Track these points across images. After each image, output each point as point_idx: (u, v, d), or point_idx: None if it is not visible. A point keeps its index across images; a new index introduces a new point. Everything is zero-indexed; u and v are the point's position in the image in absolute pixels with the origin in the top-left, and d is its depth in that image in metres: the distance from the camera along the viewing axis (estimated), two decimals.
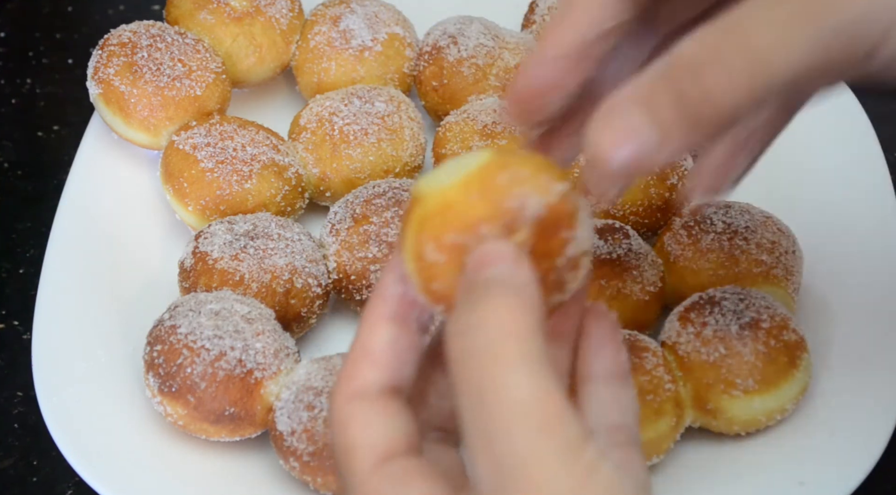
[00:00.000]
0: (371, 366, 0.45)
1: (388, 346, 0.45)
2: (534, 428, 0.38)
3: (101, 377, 0.67)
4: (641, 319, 0.68)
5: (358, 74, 0.79)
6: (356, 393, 0.44)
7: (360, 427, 0.44)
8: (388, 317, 0.45)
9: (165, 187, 0.73)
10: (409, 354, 0.45)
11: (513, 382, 0.39)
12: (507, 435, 0.38)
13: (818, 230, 0.73)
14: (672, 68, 0.42)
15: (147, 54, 0.75)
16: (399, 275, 0.45)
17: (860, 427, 0.63)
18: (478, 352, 0.40)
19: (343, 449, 0.44)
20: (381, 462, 0.43)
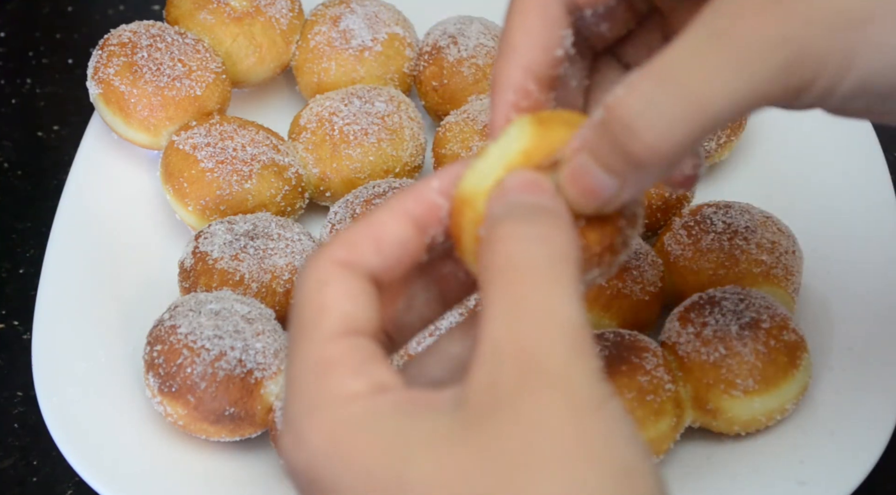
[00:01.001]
0: (375, 248, 0.43)
1: (399, 241, 0.44)
2: (573, 343, 0.39)
3: (101, 377, 0.67)
4: (641, 319, 0.68)
5: (358, 74, 0.79)
6: (347, 263, 0.43)
7: (340, 293, 0.42)
8: (413, 216, 0.44)
9: (165, 187, 0.73)
10: (408, 260, 0.44)
11: (563, 300, 0.39)
12: (545, 342, 0.38)
13: (818, 230, 0.73)
14: (610, 123, 0.43)
15: (147, 54, 0.75)
16: (443, 188, 0.44)
17: (860, 427, 0.63)
18: (533, 263, 0.40)
19: (312, 305, 0.42)
20: (350, 332, 0.42)
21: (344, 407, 0.40)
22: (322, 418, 0.40)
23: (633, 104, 0.42)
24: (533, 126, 0.45)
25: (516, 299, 0.40)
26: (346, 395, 0.40)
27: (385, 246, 0.44)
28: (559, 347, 0.38)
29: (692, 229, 0.69)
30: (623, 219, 0.45)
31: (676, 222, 0.71)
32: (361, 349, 0.41)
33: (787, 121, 0.58)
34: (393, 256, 0.44)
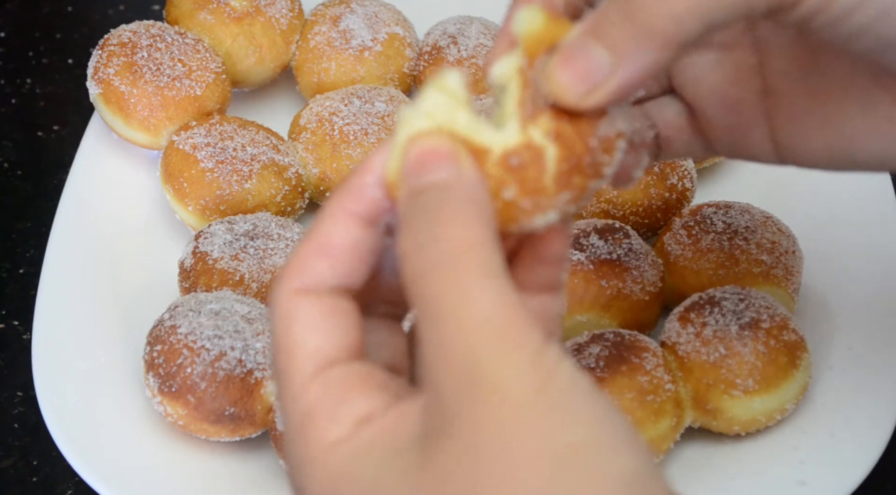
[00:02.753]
0: (328, 262, 0.42)
1: (350, 246, 0.43)
2: (495, 338, 0.38)
3: (101, 377, 0.67)
4: (641, 319, 0.68)
5: (358, 74, 0.79)
6: (305, 289, 0.42)
7: (304, 328, 0.42)
8: (357, 214, 0.43)
9: (165, 187, 0.73)
10: (369, 257, 0.43)
11: (472, 296, 0.38)
12: (468, 348, 0.38)
13: (818, 230, 0.73)
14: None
15: (147, 54, 0.75)
16: (379, 178, 0.43)
17: (860, 427, 0.63)
18: (434, 269, 0.39)
19: (283, 349, 0.42)
20: (322, 369, 0.41)
21: (330, 455, 0.40)
22: (314, 471, 0.40)
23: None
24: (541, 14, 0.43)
25: (431, 311, 0.39)
26: (329, 444, 0.40)
27: (337, 256, 0.43)
28: (481, 348, 0.38)
29: (692, 229, 0.69)
30: (595, 137, 0.44)
31: (676, 222, 0.71)
32: (336, 385, 0.41)
33: None
34: (349, 262, 0.43)
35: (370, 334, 0.45)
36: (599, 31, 0.43)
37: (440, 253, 0.39)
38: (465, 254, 0.39)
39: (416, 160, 0.41)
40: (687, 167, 0.73)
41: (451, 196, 0.40)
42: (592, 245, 0.68)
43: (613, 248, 0.68)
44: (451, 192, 0.40)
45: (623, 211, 0.72)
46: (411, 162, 0.41)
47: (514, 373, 0.38)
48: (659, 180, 0.72)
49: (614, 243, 0.68)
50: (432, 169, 0.41)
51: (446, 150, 0.41)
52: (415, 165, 0.41)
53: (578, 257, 0.67)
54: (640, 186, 0.72)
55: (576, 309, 0.67)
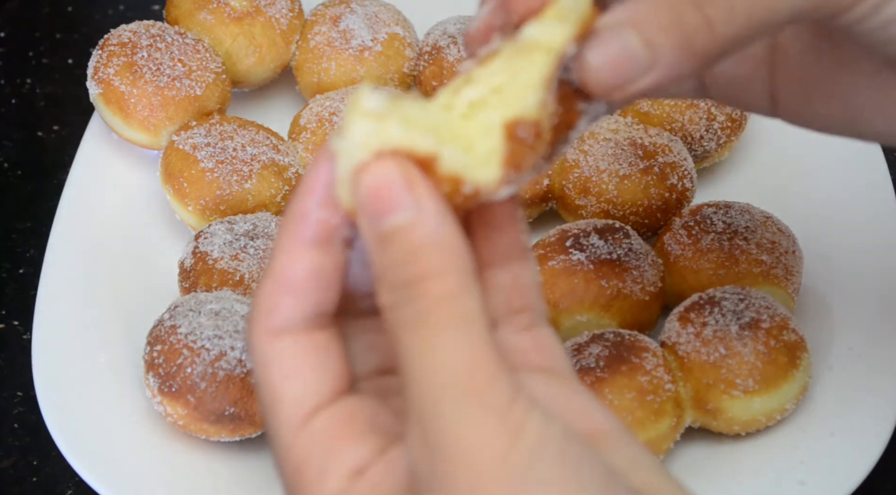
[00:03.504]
0: (293, 299, 0.41)
1: (310, 275, 0.41)
2: (459, 395, 0.38)
3: (101, 377, 0.67)
4: (641, 319, 0.68)
5: (358, 74, 0.79)
6: (276, 329, 0.41)
7: (282, 376, 0.41)
8: (310, 240, 0.41)
9: (165, 187, 0.73)
10: (334, 277, 0.42)
11: (441, 355, 0.38)
12: (433, 406, 0.38)
13: (818, 230, 0.73)
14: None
15: (147, 54, 0.75)
16: (321, 198, 0.41)
17: (860, 427, 0.63)
18: (406, 326, 0.39)
19: (266, 399, 0.41)
20: (307, 418, 0.41)
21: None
22: None
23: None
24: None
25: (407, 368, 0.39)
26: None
27: (301, 289, 0.41)
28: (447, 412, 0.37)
29: (692, 229, 0.69)
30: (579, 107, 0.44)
31: (676, 222, 0.71)
32: (323, 436, 0.41)
33: None
34: (315, 292, 0.42)
35: (354, 340, 0.44)
36: (645, 29, 0.42)
37: (414, 310, 0.39)
38: (436, 308, 0.38)
39: (370, 199, 0.40)
40: (687, 167, 0.73)
41: (418, 244, 0.39)
42: (592, 245, 0.68)
43: (613, 248, 0.68)
44: (417, 238, 0.39)
45: (623, 211, 0.72)
46: (366, 201, 0.40)
47: (480, 437, 0.37)
48: (659, 180, 0.72)
49: (614, 243, 0.68)
50: (390, 209, 0.39)
51: (397, 183, 0.39)
52: (371, 205, 0.40)
53: (578, 257, 0.67)
54: (641, 186, 0.72)
55: (576, 309, 0.67)
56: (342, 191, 0.41)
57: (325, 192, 0.41)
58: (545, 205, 0.75)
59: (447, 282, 0.39)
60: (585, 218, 0.72)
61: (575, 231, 0.69)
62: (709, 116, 0.75)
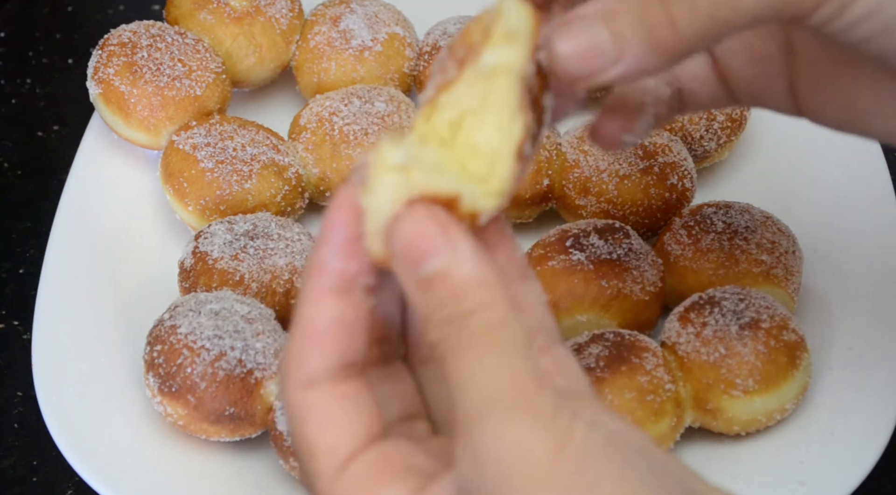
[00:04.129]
0: (320, 349, 0.43)
1: (333, 324, 0.43)
2: (506, 407, 0.39)
3: (101, 377, 0.67)
4: (641, 319, 0.68)
5: (358, 74, 0.79)
6: (307, 382, 0.43)
7: (317, 427, 0.42)
8: (331, 290, 0.43)
9: (165, 187, 0.73)
10: (358, 325, 0.43)
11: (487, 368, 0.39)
12: (482, 419, 0.39)
13: (818, 230, 0.73)
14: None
15: (147, 54, 0.75)
16: (338, 248, 0.43)
17: (860, 427, 0.63)
18: (455, 353, 0.40)
19: (303, 450, 0.43)
20: (343, 466, 0.42)
21: None
22: None
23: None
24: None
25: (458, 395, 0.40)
26: None
27: (324, 339, 0.43)
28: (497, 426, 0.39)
29: (692, 229, 0.69)
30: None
31: (676, 222, 0.71)
32: (361, 482, 0.42)
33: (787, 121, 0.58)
34: (341, 341, 0.43)
35: (377, 388, 0.45)
36: (614, 23, 0.44)
37: (463, 338, 0.40)
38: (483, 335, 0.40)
39: (407, 249, 0.41)
40: (687, 167, 0.73)
41: (461, 284, 0.41)
42: (592, 245, 0.68)
43: (613, 248, 0.68)
44: (458, 278, 0.41)
45: (623, 211, 0.72)
46: (403, 251, 0.41)
47: (529, 444, 0.38)
48: (659, 180, 0.72)
49: (614, 243, 0.68)
50: (428, 256, 0.41)
51: (432, 229, 0.41)
52: (408, 255, 0.41)
53: (578, 257, 0.67)
54: (640, 186, 0.72)
55: (576, 309, 0.67)
56: (372, 244, 0.43)
57: (342, 242, 0.43)
58: (545, 205, 0.75)
59: (492, 314, 0.40)
60: (585, 218, 0.72)
61: (575, 231, 0.69)
62: (709, 116, 0.75)
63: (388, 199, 0.42)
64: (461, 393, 0.40)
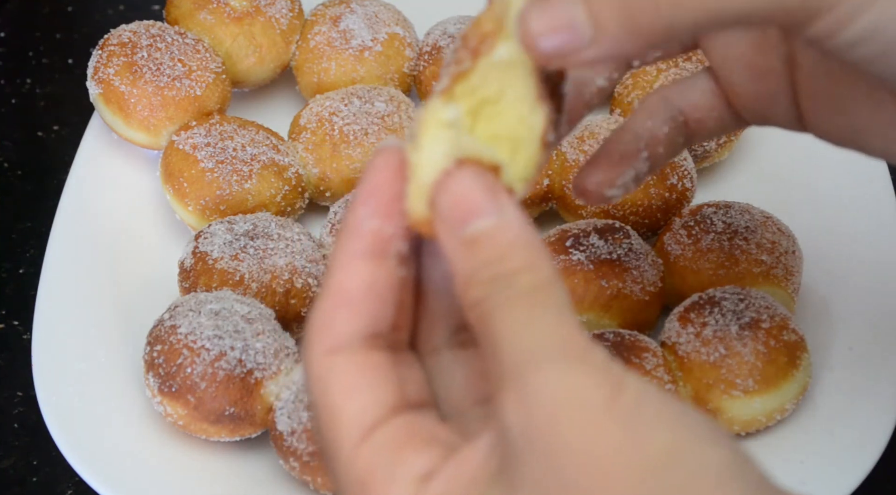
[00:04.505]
0: (350, 313, 0.42)
1: (367, 289, 0.42)
2: (559, 355, 0.38)
3: (101, 377, 0.67)
4: (641, 319, 0.68)
5: (358, 74, 0.79)
6: (334, 347, 0.42)
7: (342, 392, 0.41)
8: (364, 253, 0.42)
9: (165, 187, 0.73)
10: (390, 294, 0.42)
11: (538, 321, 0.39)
12: (534, 366, 0.38)
13: (818, 230, 0.73)
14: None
15: (147, 54, 0.75)
16: (374, 208, 0.42)
17: (860, 427, 0.63)
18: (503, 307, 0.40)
19: (326, 415, 0.42)
20: (369, 433, 0.41)
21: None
22: None
23: None
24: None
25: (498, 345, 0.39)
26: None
27: (356, 303, 0.42)
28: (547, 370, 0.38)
29: (692, 229, 0.69)
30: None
31: (676, 222, 0.71)
32: (386, 447, 0.41)
33: None
34: (371, 307, 0.42)
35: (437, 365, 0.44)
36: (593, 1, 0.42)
37: (511, 294, 0.40)
38: (532, 293, 0.40)
39: (454, 207, 0.41)
40: (687, 167, 0.73)
41: (507, 245, 0.40)
42: (592, 245, 0.68)
43: (613, 248, 0.68)
44: (505, 239, 0.40)
45: (623, 211, 0.72)
46: (449, 209, 0.41)
47: (584, 387, 0.38)
48: (659, 180, 0.72)
49: (614, 243, 0.68)
50: (475, 215, 0.41)
51: (481, 190, 0.41)
52: (455, 213, 0.41)
53: (578, 257, 0.67)
54: (641, 186, 0.72)
55: (576, 309, 0.67)
56: (415, 204, 0.42)
57: (378, 202, 0.42)
58: (545, 205, 0.75)
59: (539, 275, 0.40)
60: (585, 218, 0.72)
61: (575, 231, 0.69)
62: None
63: (440, 155, 0.41)
64: (509, 346, 0.39)
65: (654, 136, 0.56)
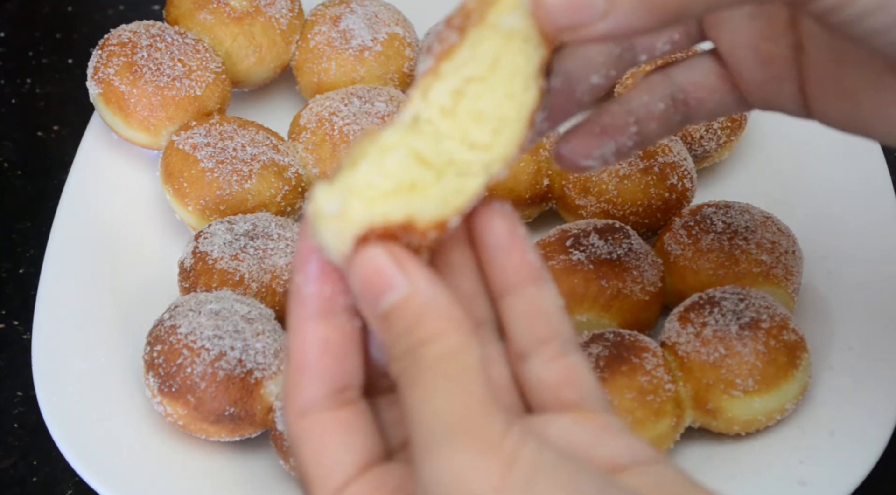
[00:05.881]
0: (311, 377, 0.43)
1: (321, 350, 0.43)
2: (452, 434, 0.39)
3: (101, 377, 0.67)
4: (641, 319, 0.68)
5: (358, 74, 0.79)
6: (303, 410, 0.43)
7: (312, 454, 0.43)
8: (312, 316, 0.43)
9: (165, 187, 0.73)
10: (346, 348, 0.44)
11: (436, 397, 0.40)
12: (428, 448, 0.39)
13: (818, 230, 0.73)
14: None
15: (147, 54, 0.75)
16: (310, 274, 0.43)
17: (860, 427, 0.63)
18: (410, 380, 0.41)
19: (302, 477, 0.44)
20: (337, 492, 0.42)
21: None
22: None
23: None
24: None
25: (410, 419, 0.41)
26: None
27: (313, 367, 0.43)
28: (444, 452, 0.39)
29: (692, 229, 0.69)
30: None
31: (676, 222, 0.71)
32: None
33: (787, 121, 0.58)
34: (329, 367, 0.43)
35: (384, 414, 0.45)
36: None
37: (416, 369, 0.41)
38: (434, 365, 0.40)
39: (364, 287, 0.42)
40: (687, 167, 0.73)
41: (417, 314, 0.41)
42: (592, 245, 0.68)
43: (613, 248, 0.68)
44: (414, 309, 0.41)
45: (623, 211, 0.72)
46: (361, 289, 0.42)
47: (474, 469, 0.38)
48: (659, 180, 0.72)
49: (614, 243, 0.68)
50: (384, 291, 0.42)
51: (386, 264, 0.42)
52: (366, 292, 0.42)
53: (578, 257, 0.67)
54: (640, 186, 0.72)
55: (576, 309, 0.67)
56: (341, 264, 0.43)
57: (313, 268, 0.43)
58: (545, 205, 0.75)
59: (446, 343, 0.41)
60: (585, 218, 0.72)
61: (575, 231, 0.69)
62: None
63: (335, 244, 0.42)
64: (413, 425, 0.40)
65: (649, 112, 0.55)
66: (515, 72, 0.43)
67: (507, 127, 0.43)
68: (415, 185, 0.42)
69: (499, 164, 0.44)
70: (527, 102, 0.44)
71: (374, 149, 0.42)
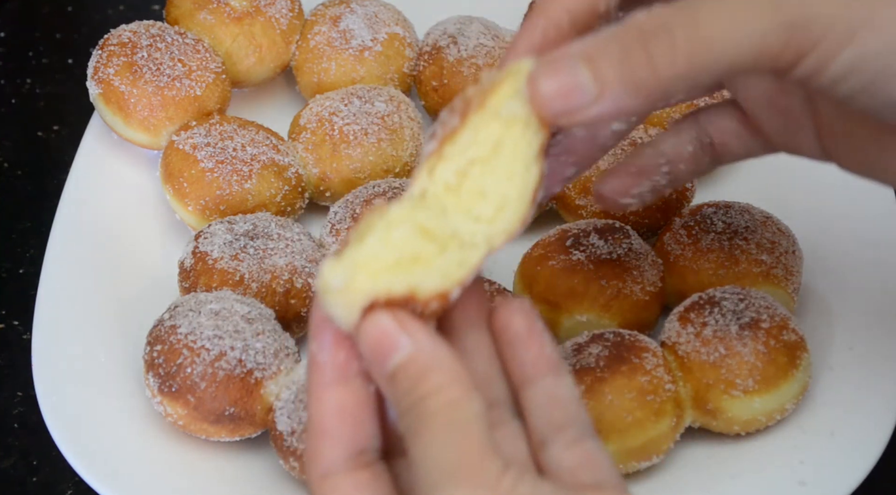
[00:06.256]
0: (329, 443, 0.46)
1: (338, 416, 0.46)
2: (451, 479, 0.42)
3: (101, 377, 0.67)
4: (641, 319, 0.68)
5: (358, 74, 0.79)
6: (325, 473, 0.46)
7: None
8: (329, 383, 0.46)
9: (165, 187, 0.73)
10: (362, 412, 0.46)
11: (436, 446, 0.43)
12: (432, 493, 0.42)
13: (818, 230, 0.73)
14: (623, 32, 0.45)
15: (147, 54, 0.75)
16: (323, 343, 0.46)
17: (860, 427, 0.63)
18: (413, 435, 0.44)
19: None
20: None
21: None
22: None
23: (648, 22, 0.45)
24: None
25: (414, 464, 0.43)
26: None
27: (332, 432, 0.46)
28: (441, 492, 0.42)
29: (692, 229, 0.69)
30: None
31: (676, 222, 0.71)
32: None
33: None
34: (347, 431, 0.46)
35: (401, 476, 0.47)
36: (594, 61, 0.45)
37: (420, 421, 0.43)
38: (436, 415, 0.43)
39: (372, 351, 0.45)
40: None
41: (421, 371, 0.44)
42: (592, 245, 0.68)
43: (613, 248, 0.68)
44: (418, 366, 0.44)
45: (623, 211, 0.72)
46: (369, 354, 0.45)
47: None
48: None
49: (614, 243, 0.68)
50: (390, 352, 0.45)
51: (390, 328, 0.45)
52: (374, 356, 0.45)
53: (578, 257, 0.67)
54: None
55: (576, 309, 0.67)
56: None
57: (327, 336, 0.46)
58: (545, 205, 0.75)
59: (446, 394, 0.43)
60: (585, 218, 0.72)
61: (575, 231, 0.69)
62: None
63: (343, 315, 0.45)
64: (417, 472, 0.43)
65: (678, 154, 0.58)
66: (517, 155, 0.46)
67: (510, 204, 0.47)
68: (418, 258, 0.45)
69: (501, 238, 0.47)
70: (529, 182, 0.47)
71: (381, 223, 0.45)
